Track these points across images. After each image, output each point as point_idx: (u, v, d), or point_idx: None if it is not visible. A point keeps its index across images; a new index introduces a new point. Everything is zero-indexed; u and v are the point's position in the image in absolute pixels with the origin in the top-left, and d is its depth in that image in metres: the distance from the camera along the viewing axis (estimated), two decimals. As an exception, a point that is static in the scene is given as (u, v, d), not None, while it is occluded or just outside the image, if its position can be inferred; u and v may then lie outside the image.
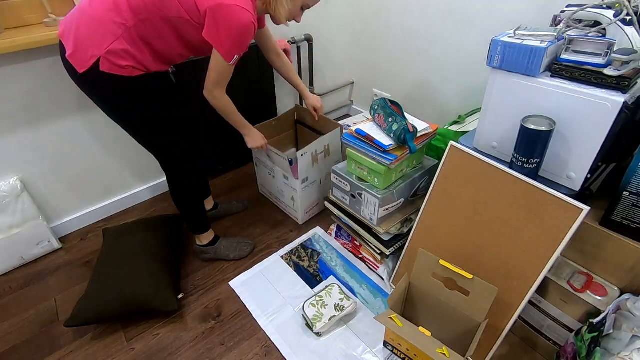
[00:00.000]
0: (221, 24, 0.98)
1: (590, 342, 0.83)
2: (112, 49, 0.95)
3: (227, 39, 1.00)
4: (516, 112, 0.92)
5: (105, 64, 0.96)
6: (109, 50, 0.95)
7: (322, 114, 1.56)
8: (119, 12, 0.95)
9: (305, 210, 1.54)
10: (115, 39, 0.95)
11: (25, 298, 1.31)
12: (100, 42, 0.95)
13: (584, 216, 0.82)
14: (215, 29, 0.99)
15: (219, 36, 0.99)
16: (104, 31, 0.95)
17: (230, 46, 1.01)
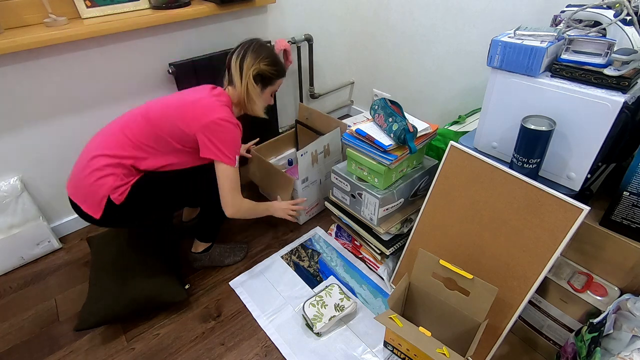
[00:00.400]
0: (215, 139, 1.07)
1: (590, 342, 0.83)
2: (116, 185, 1.06)
3: (226, 149, 1.09)
4: (516, 112, 0.92)
5: (117, 198, 1.06)
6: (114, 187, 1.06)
7: None
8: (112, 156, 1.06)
9: (305, 211, 1.54)
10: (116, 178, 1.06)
11: (25, 298, 1.31)
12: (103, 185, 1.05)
13: (584, 216, 0.82)
14: (212, 146, 1.08)
15: (218, 150, 1.08)
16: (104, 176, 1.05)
17: (229, 153, 1.09)
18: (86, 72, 1.35)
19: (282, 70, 1.21)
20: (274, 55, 1.19)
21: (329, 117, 1.58)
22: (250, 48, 1.14)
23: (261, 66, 1.14)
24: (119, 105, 1.47)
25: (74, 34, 1.21)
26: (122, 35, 1.36)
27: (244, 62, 1.13)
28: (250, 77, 1.13)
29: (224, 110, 1.09)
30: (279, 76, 1.21)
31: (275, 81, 1.21)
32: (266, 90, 1.20)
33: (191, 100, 1.11)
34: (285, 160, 1.77)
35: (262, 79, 1.17)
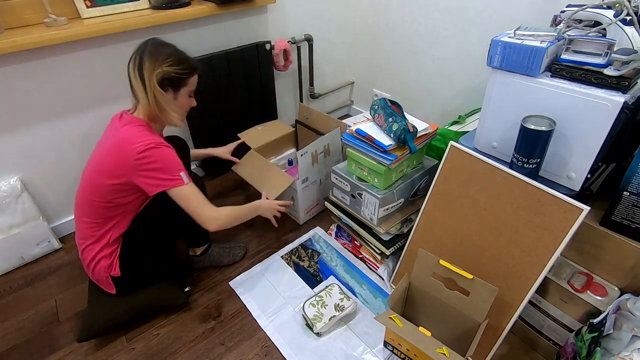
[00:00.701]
0: (151, 172, 1.00)
1: (590, 342, 0.83)
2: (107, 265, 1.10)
3: (166, 174, 1.01)
4: (516, 112, 0.92)
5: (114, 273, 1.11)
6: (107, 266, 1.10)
7: None
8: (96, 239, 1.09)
9: (305, 211, 1.54)
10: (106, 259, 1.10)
11: (25, 298, 1.31)
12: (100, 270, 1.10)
13: (584, 216, 0.82)
14: (152, 180, 1.01)
15: (161, 180, 1.01)
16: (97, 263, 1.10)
17: (172, 175, 1.02)
18: (86, 72, 1.35)
19: (192, 66, 1.07)
20: (177, 51, 1.05)
21: (329, 117, 1.58)
22: (146, 52, 1.00)
23: (164, 68, 1.00)
24: (118, 105, 1.46)
25: (74, 34, 1.21)
26: (122, 35, 1.36)
27: (143, 69, 0.99)
28: (155, 85, 1.00)
29: (142, 137, 0.99)
30: (190, 73, 1.07)
31: (187, 80, 1.07)
32: (180, 94, 1.07)
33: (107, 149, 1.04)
34: (286, 160, 1.77)
35: (170, 82, 1.03)
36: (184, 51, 1.07)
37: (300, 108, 1.70)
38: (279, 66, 1.80)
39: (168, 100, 1.04)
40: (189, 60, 1.07)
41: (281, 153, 1.77)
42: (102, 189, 1.04)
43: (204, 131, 1.69)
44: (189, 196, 1.04)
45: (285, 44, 1.75)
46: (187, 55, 1.07)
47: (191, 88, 1.10)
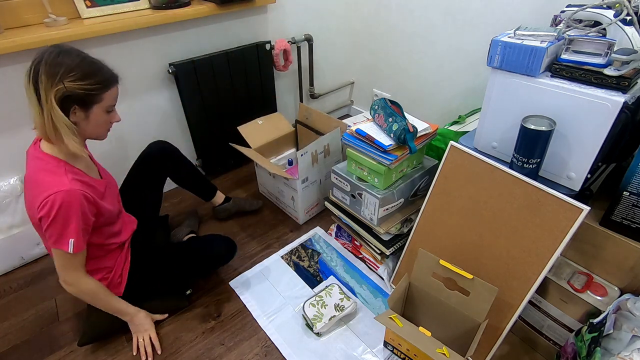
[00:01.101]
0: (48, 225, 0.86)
1: (590, 342, 0.83)
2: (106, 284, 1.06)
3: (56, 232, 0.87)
4: (516, 112, 0.92)
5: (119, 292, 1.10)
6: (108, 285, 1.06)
7: None
8: None
9: (305, 210, 1.54)
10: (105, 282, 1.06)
11: (25, 298, 1.31)
12: None
13: (584, 216, 0.82)
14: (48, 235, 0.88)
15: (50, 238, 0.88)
16: None
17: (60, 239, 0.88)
18: (86, 72, 1.34)
19: (105, 81, 0.90)
20: (85, 63, 0.87)
21: (329, 117, 1.58)
22: (43, 63, 0.82)
23: (66, 84, 0.83)
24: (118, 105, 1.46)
25: (74, 34, 1.21)
26: (122, 35, 1.36)
27: (39, 85, 0.82)
28: (54, 105, 0.83)
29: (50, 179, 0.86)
30: (103, 88, 0.89)
31: (101, 96, 0.90)
32: (92, 112, 0.90)
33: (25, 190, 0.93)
34: (286, 161, 1.77)
35: (76, 101, 0.86)
36: (97, 61, 0.91)
37: (300, 108, 1.70)
38: (279, 66, 1.80)
39: (67, 124, 0.86)
40: (101, 72, 0.90)
41: (281, 153, 1.77)
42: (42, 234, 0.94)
43: (203, 131, 1.69)
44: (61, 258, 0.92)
45: (285, 44, 1.75)
46: (99, 65, 0.90)
47: (108, 103, 0.93)
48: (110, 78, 0.92)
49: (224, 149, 1.79)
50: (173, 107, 1.62)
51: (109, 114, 0.96)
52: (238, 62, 1.64)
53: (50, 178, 0.87)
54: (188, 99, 1.58)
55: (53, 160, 0.90)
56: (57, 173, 0.88)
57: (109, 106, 0.94)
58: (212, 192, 1.53)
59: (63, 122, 0.86)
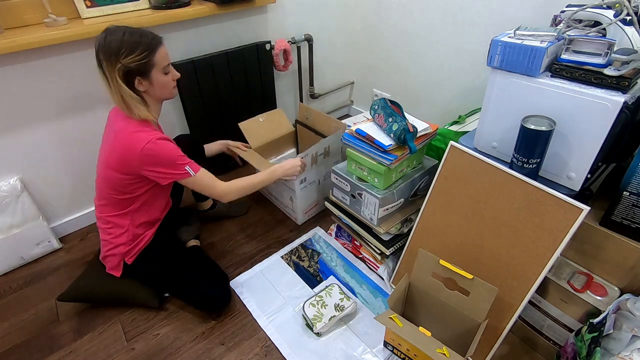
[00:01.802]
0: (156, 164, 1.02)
1: (590, 342, 0.83)
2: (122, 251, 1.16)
3: (172, 168, 1.04)
4: (516, 112, 0.92)
5: (129, 259, 1.17)
6: (124, 252, 1.15)
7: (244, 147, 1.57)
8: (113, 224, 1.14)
9: (304, 211, 1.54)
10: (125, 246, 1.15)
11: (25, 298, 1.31)
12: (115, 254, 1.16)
13: (584, 216, 0.82)
14: (160, 174, 1.04)
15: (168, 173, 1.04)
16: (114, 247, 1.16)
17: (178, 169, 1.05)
18: (86, 72, 1.35)
19: (150, 46, 0.98)
20: (128, 37, 0.95)
21: (328, 117, 1.58)
22: (99, 49, 0.94)
23: (122, 62, 0.94)
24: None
25: (74, 34, 1.21)
26: (122, 35, 1.36)
27: (104, 69, 0.96)
28: (120, 83, 0.96)
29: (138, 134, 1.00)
30: (151, 53, 0.98)
31: (152, 61, 0.99)
32: (153, 77, 1.01)
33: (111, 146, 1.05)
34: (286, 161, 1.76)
35: (136, 73, 0.98)
36: (136, 30, 0.98)
37: (300, 108, 1.70)
38: (279, 66, 1.80)
39: (133, 95, 1.00)
40: (144, 40, 0.97)
41: (281, 153, 1.77)
42: (116, 182, 1.07)
43: (203, 131, 1.69)
44: (196, 183, 1.10)
45: (285, 44, 1.75)
46: (140, 33, 0.98)
47: (163, 64, 1.03)
48: (152, 42, 1.00)
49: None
50: (173, 107, 1.62)
51: (167, 74, 1.06)
52: (238, 62, 1.64)
53: (142, 129, 1.02)
54: (188, 98, 1.58)
55: (141, 120, 1.04)
56: (146, 127, 1.04)
57: (163, 67, 1.03)
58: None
59: (129, 95, 0.99)
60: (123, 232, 1.15)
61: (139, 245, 1.17)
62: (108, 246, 1.17)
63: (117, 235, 1.15)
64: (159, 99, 1.10)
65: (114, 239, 1.15)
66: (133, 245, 1.16)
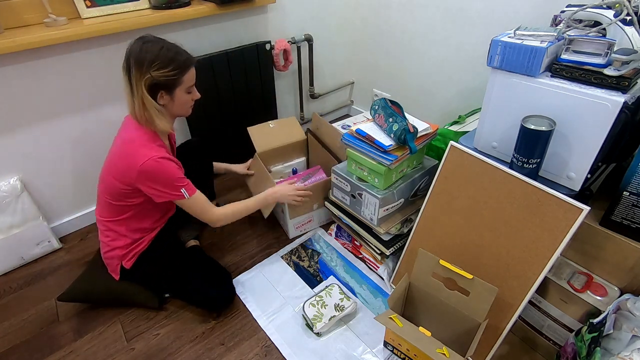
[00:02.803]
0: (155, 184, 1.03)
1: (590, 342, 0.83)
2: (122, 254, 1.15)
3: (169, 188, 1.04)
4: (516, 112, 0.92)
5: (127, 263, 1.16)
6: (120, 255, 1.15)
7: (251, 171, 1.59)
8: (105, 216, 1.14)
9: (295, 226, 1.48)
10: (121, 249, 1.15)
11: (25, 298, 1.31)
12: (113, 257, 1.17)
13: (584, 216, 0.82)
14: (157, 192, 1.04)
15: (163, 192, 1.04)
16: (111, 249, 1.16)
17: (175, 190, 1.05)
18: (86, 72, 1.35)
19: (183, 65, 1.00)
20: (164, 51, 0.97)
21: (337, 132, 1.48)
22: (132, 56, 0.96)
23: (152, 74, 0.96)
24: (119, 105, 1.47)
25: (74, 34, 1.21)
26: (122, 35, 1.35)
27: (131, 76, 0.96)
28: (145, 93, 0.97)
29: (142, 149, 1.00)
30: (182, 72, 1.01)
31: (181, 79, 1.02)
32: (176, 94, 1.04)
33: (117, 154, 1.06)
34: (291, 169, 1.72)
35: (161, 87, 1.00)
36: (173, 46, 1.00)
37: (313, 118, 1.64)
38: (279, 66, 1.80)
39: (155, 106, 1.01)
40: (179, 58, 1.00)
41: (289, 160, 1.67)
42: (113, 189, 1.08)
43: (203, 131, 1.69)
44: (191, 207, 1.11)
45: (285, 44, 1.75)
46: (176, 50, 1.00)
47: (188, 84, 1.05)
48: (186, 62, 1.02)
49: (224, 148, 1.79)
50: (173, 107, 1.62)
51: (189, 94, 1.08)
52: (238, 62, 1.64)
53: (147, 145, 1.02)
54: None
55: (150, 133, 1.05)
56: (152, 143, 1.04)
57: (188, 87, 1.06)
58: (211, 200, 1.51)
59: (153, 106, 1.00)
60: (119, 237, 1.15)
61: (136, 249, 1.17)
62: (105, 248, 1.17)
63: (113, 238, 1.15)
64: (174, 115, 1.11)
65: (111, 241, 1.15)
66: (130, 249, 1.16)
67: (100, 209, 1.16)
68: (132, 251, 1.17)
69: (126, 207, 1.11)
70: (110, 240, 1.16)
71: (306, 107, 2.14)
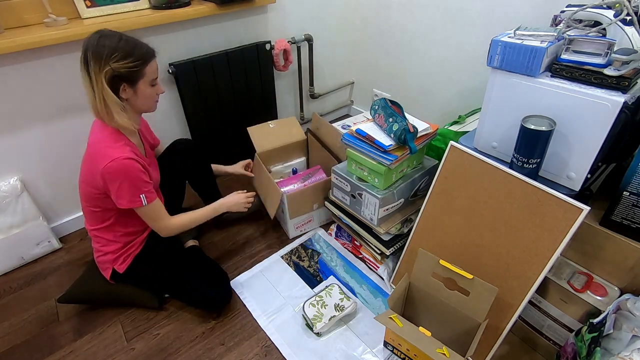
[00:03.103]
0: (115, 184, 0.99)
1: (590, 342, 0.83)
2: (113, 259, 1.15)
3: (128, 193, 1.01)
4: (516, 112, 0.92)
5: (118, 266, 1.16)
6: (112, 259, 1.15)
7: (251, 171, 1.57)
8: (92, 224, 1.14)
9: (295, 226, 1.48)
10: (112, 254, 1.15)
11: (25, 298, 1.31)
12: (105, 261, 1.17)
13: (584, 216, 0.82)
14: (117, 193, 1.00)
15: (123, 197, 1.01)
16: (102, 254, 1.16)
17: (133, 196, 1.02)
18: (86, 72, 1.34)
19: (144, 56, 0.98)
20: (123, 43, 0.95)
21: (337, 132, 1.49)
22: (89, 49, 0.93)
23: (112, 65, 0.93)
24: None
25: (74, 34, 1.21)
26: (122, 35, 1.36)
27: (89, 69, 0.94)
28: (104, 86, 0.94)
29: (107, 150, 0.98)
30: (144, 63, 0.98)
31: (142, 71, 0.99)
32: (139, 87, 1.00)
33: (86, 158, 1.05)
34: (291, 169, 1.72)
35: (123, 79, 0.96)
36: (132, 39, 0.98)
37: (313, 118, 1.64)
38: (279, 66, 1.80)
39: (115, 101, 0.97)
40: (139, 49, 0.97)
41: (289, 160, 1.68)
42: (87, 194, 1.08)
43: (203, 131, 1.69)
44: (146, 214, 1.08)
45: (285, 44, 1.75)
46: (136, 42, 0.98)
47: (152, 77, 1.02)
48: (146, 53, 1.00)
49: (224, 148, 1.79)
50: (173, 107, 1.62)
51: (153, 87, 1.05)
52: (238, 62, 1.64)
53: (110, 146, 0.99)
54: (188, 99, 1.58)
55: (115, 131, 1.02)
56: (116, 143, 1.00)
57: (151, 80, 1.03)
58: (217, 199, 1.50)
59: (113, 100, 0.97)
60: (109, 242, 1.14)
61: (129, 251, 1.16)
62: (97, 253, 1.17)
63: (103, 244, 1.15)
64: (139, 110, 1.08)
65: (102, 247, 1.15)
66: (121, 253, 1.16)
67: (85, 217, 1.15)
68: (124, 254, 1.16)
69: (106, 212, 1.09)
70: (101, 246, 1.15)
71: (306, 107, 2.14)
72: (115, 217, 1.11)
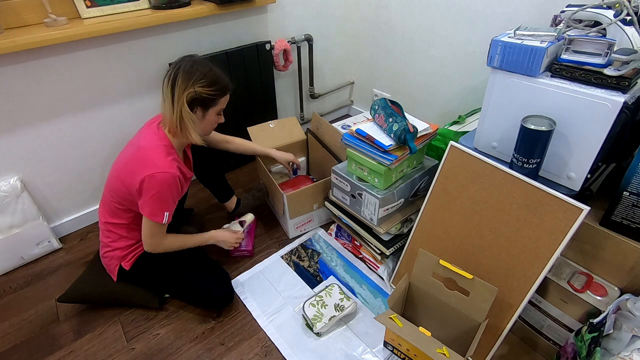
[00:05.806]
0: (147, 194, 1.02)
1: (590, 342, 0.83)
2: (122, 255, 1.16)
3: (154, 206, 1.04)
4: (516, 112, 0.92)
5: (126, 264, 1.17)
6: (120, 256, 1.16)
7: (299, 165, 1.57)
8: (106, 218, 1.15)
9: (295, 226, 1.48)
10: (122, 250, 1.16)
11: (25, 298, 1.31)
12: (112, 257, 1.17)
13: (584, 216, 0.82)
14: (144, 201, 1.03)
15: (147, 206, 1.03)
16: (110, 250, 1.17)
17: (157, 212, 1.05)
18: (86, 72, 1.35)
19: (224, 88, 1.09)
20: (212, 72, 1.05)
21: (337, 132, 1.49)
22: (181, 69, 1.01)
23: (196, 89, 1.02)
24: (119, 105, 1.47)
25: (74, 34, 1.21)
26: (122, 35, 1.36)
27: (175, 87, 1.01)
28: (184, 104, 1.02)
29: (154, 159, 1.02)
30: (221, 95, 1.09)
31: (218, 100, 1.09)
32: (208, 113, 1.10)
33: (128, 157, 1.07)
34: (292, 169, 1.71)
35: (200, 102, 1.05)
36: (219, 70, 1.08)
37: (313, 117, 1.64)
38: (279, 66, 1.80)
39: (193, 119, 1.05)
40: (222, 82, 1.08)
41: None
42: (117, 191, 1.09)
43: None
44: (151, 228, 1.08)
45: (285, 44, 1.75)
46: (221, 74, 1.08)
47: (221, 107, 1.12)
48: (227, 86, 1.10)
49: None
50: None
51: (218, 116, 1.15)
52: (238, 62, 1.64)
53: (162, 157, 1.03)
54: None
55: (169, 144, 1.08)
56: (167, 156, 1.04)
57: (220, 109, 1.13)
58: (229, 195, 1.52)
59: (190, 117, 1.04)
60: (121, 238, 1.15)
61: (137, 249, 1.17)
62: (105, 248, 1.18)
63: (114, 239, 1.15)
64: (185, 137, 1.12)
65: (112, 242, 1.16)
66: (131, 250, 1.17)
67: (103, 209, 1.16)
68: (134, 252, 1.17)
69: (128, 211, 1.11)
70: (111, 241, 1.16)
71: (306, 107, 2.14)
72: (135, 216, 1.12)
